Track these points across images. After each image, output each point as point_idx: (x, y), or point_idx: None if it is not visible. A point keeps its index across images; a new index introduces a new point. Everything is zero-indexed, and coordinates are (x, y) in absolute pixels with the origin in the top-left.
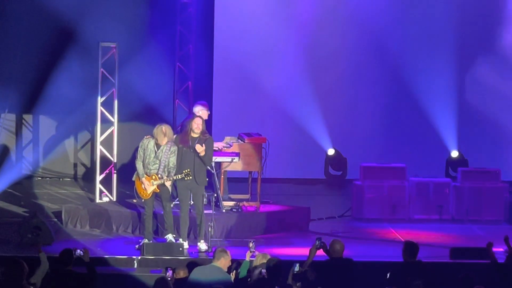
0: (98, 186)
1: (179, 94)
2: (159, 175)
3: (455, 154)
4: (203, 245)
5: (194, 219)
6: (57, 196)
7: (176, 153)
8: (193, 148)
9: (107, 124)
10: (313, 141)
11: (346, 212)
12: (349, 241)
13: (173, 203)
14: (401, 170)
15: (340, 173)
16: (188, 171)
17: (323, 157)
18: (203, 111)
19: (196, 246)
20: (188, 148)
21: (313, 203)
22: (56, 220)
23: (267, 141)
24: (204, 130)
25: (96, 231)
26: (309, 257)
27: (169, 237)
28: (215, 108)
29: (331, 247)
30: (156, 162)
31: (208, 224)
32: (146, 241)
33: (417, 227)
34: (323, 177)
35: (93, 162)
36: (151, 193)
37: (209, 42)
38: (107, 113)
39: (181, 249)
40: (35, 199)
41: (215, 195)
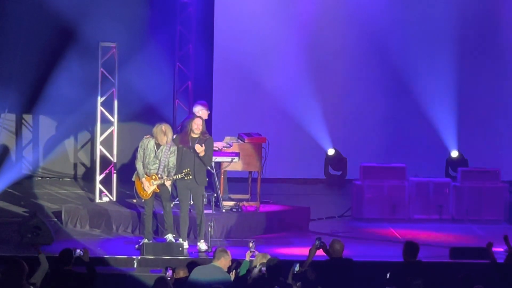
0: (98, 186)
1: (179, 94)
2: (159, 175)
3: (455, 154)
4: (203, 245)
5: (194, 219)
6: (57, 196)
7: (176, 153)
8: (193, 148)
9: (107, 124)
10: (313, 141)
11: (346, 212)
12: (349, 241)
13: (173, 203)
14: (401, 170)
15: (340, 173)
16: (188, 170)
17: (323, 157)
18: (203, 111)
19: (196, 246)
20: (188, 148)
21: (313, 203)
22: (56, 220)
23: (267, 141)
24: (204, 130)
25: (96, 231)
26: (309, 257)
27: (169, 237)
28: (215, 108)
29: (331, 247)
30: (156, 162)
31: (208, 224)
32: (146, 241)
33: (417, 227)
34: (323, 177)
35: (93, 162)
36: (151, 193)
37: (209, 42)
38: (107, 113)
39: (181, 249)
40: (35, 199)
41: (215, 195)
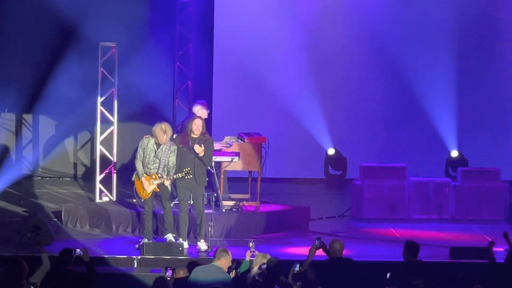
0: (98, 185)
1: (179, 93)
2: (159, 174)
3: (455, 154)
4: (203, 245)
5: (194, 218)
6: (57, 195)
7: (175, 153)
8: (193, 148)
9: (107, 123)
10: (313, 140)
11: (346, 211)
12: (349, 241)
13: (173, 203)
14: (401, 170)
15: (340, 172)
16: (188, 169)
17: (323, 157)
18: (202, 110)
19: (196, 245)
20: (188, 148)
21: (313, 202)
22: (56, 219)
23: (267, 141)
24: (204, 131)
25: (96, 230)
26: (308, 257)
27: (169, 237)
28: (215, 107)
29: (330, 246)
30: (155, 161)
31: (208, 223)
32: (146, 240)
33: (417, 227)
34: (323, 176)
35: (93, 161)
36: (151, 193)
37: (209, 41)
38: (107, 113)
39: (181, 248)
40: (35, 198)
41: (215, 194)
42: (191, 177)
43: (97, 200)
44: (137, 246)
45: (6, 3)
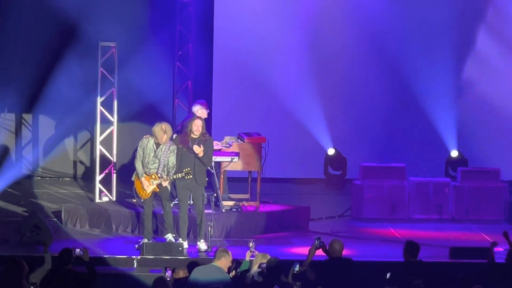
0: (97, 185)
1: (178, 93)
2: (159, 174)
3: (454, 154)
4: (203, 245)
5: (193, 218)
6: (57, 195)
7: (175, 153)
8: (192, 149)
9: (106, 123)
10: (313, 140)
11: (345, 211)
12: (349, 241)
13: (172, 203)
14: (401, 170)
15: (339, 172)
16: (188, 169)
17: (323, 157)
18: (202, 110)
19: (196, 246)
20: (187, 149)
21: (312, 202)
22: (55, 219)
23: (267, 141)
24: (204, 131)
25: (95, 230)
26: (308, 257)
27: (169, 237)
28: (215, 107)
29: (330, 246)
30: (155, 161)
31: (207, 223)
32: (145, 240)
33: (417, 226)
34: (323, 176)
35: (93, 161)
36: (151, 193)
37: (208, 41)
38: (107, 113)
39: (180, 248)
40: (34, 198)
41: (215, 194)
42: (190, 177)
43: (97, 200)
44: (137, 246)
45: (6, 3)
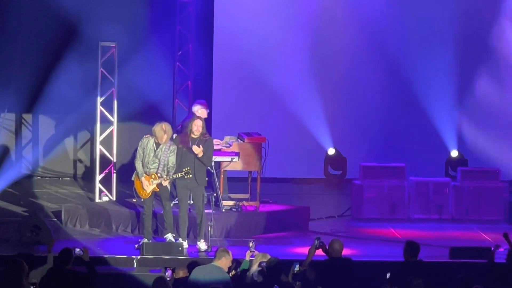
0: (97, 185)
1: (178, 93)
2: (159, 174)
3: (454, 153)
4: (202, 245)
5: (193, 218)
6: (57, 195)
7: (175, 152)
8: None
9: (106, 123)
10: (313, 140)
11: (345, 211)
12: (349, 240)
13: (172, 203)
14: (400, 169)
15: (339, 172)
16: (188, 169)
17: (323, 157)
18: (202, 110)
19: (195, 245)
20: (188, 149)
21: (312, 202)
22: (55, 219)
23: (267, 141)
24: (204, 131)
25: (95, 230)
26: (308, 257)
27: (169, 237)
28: (215, 107)
29: (330, 246)
30: (155, 161)
31: (207, 223)
32: (145, 240)
33: (417, 226)
34: (323, 176)
35: (93, 161)
36: (151, 193)
37: (208, 41)
38: (107, 113)
39: (180, 248)
40: (34, 198)
41: (215, 194)
42: (190, 176)
43: (97, 200)
44: (136, 246)
45: (6, 3)
